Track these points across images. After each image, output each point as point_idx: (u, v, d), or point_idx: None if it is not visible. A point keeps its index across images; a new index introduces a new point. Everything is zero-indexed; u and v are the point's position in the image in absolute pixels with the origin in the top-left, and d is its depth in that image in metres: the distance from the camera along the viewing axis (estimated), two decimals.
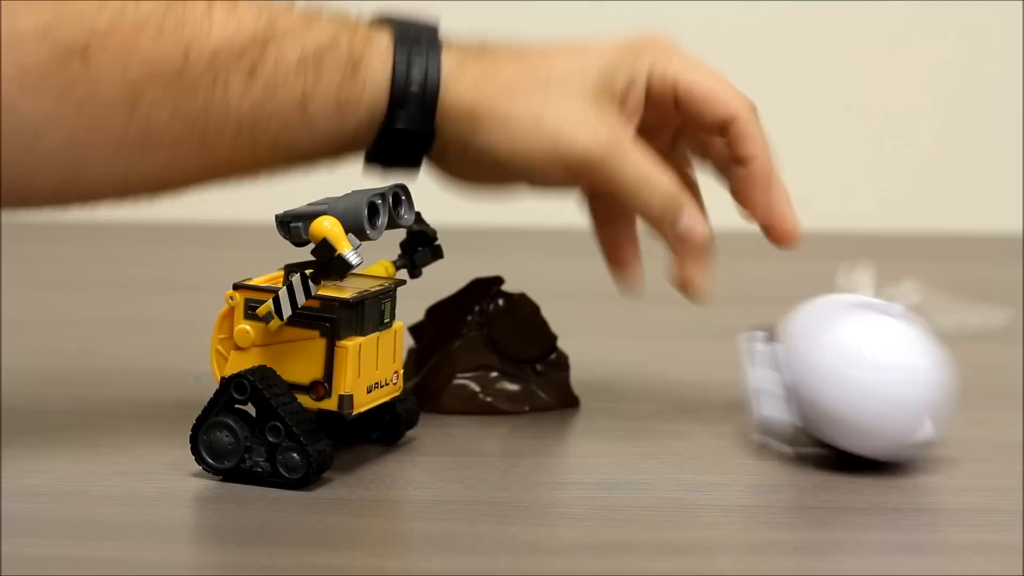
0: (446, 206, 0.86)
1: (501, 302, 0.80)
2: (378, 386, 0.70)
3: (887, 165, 1.39)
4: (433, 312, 0.81)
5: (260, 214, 0.79)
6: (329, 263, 0.66)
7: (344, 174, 0.74)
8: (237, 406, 0.67)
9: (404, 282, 0.72)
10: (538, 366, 0.80)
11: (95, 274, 1.14)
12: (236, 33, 0.68)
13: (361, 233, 0.68)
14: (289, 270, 0.67)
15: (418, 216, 0.73)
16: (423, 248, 0.75)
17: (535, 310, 0.81)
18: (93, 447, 0.72)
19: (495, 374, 0.79)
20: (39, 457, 0.70)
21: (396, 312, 0.71)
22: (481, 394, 0.79)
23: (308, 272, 0.67)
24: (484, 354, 0.79)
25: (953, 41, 1.37)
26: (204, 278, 1.01)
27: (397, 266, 0.74)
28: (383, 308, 0.70)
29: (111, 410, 0.78)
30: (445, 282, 0.81)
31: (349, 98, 0.70)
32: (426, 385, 0.79)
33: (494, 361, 0.79)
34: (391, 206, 0.70)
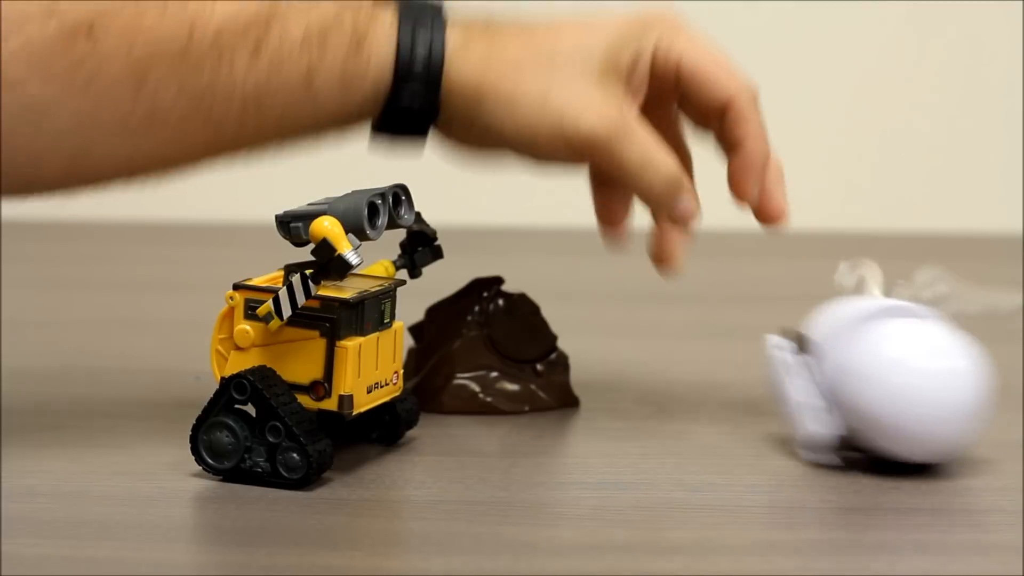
0: (446, 206, 0.86)
1: (501, 302, 0.80)
2: (378, 386, 0.70)
3: (887, 165, 1.39)
4: (433, 312, 0.81)
5: (260, 214, 0.79)
6: (329, 263, 0.66)
7: (344, 174, 0.74)
8: (237, 406, 0.67)
9: (404, 282, 0.72)
10: (538, 366, 0.80)
11: (95, 274, 1.14)
12: (240, 11, 0.68)
13: (361, 233, 0.68)
14: (289, 270, 0.67)
15: (418, 216, 0.73)
16: (423, 248, 0.75)
17: (535, 310, 0.81)
18: (93, 447, 0.72)
19: (495, 374, 0.79)
20: (39, 457, 0.70)
21: (396, 312, 0.71)
22: (481, 394, 0.79)
23: (308, 272, 0.66)
24: (484, 354, 0.79)
25: (953, 41, 1.37)
26: (204, 278, 1.01)
27: (397, 266, 0.74)
28: (383, 308, 0.70)
29: (111, 410, 0.78)
30: (445, 282, 0.81)
31: (354, 75, 0.70)
32: (426, 385, 0.79)
33: (494, 361, 0.79)
34: (391, 206, 0.70)
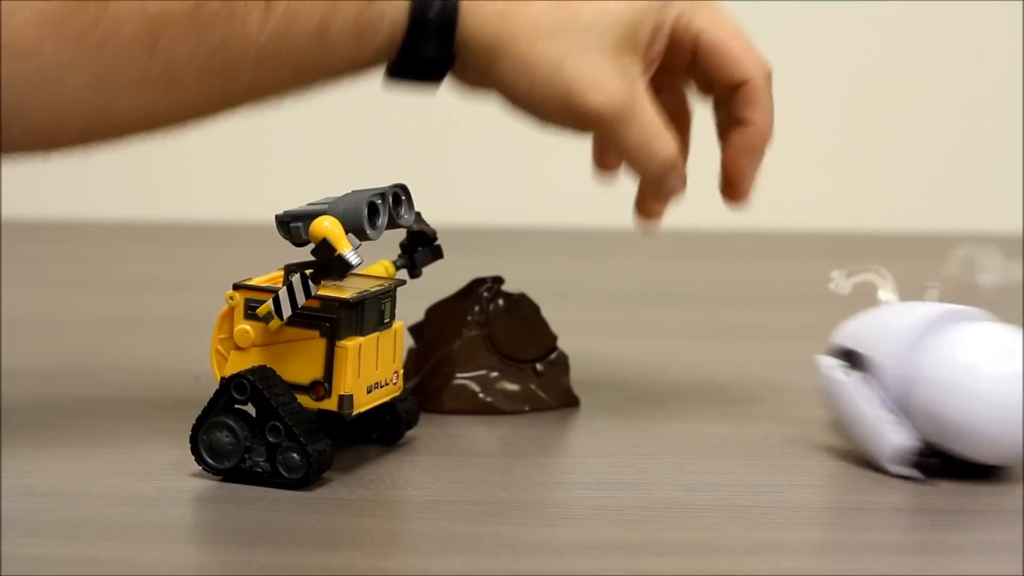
0: (446, 206, 0.86)
1: (501, 302, 0.80)
2: (378, 386, 0.70)
3: (887, 165, 1.39)
4: (433, 312, 0.81)
5: (260, 214, 0.79)
6: (329, 263, 0.66)
7: (344, 174, 0.74)
8: (237, 406, 0.67)
9: (404, 282, 0.72)
10: (538, 366, 0.80)
11: (95, 274, 1.14)
12: None
13: (361, 233, 0.68)
14: (289, 270, 0.67)
15: (418, 216, 0.73)
16: (423, 248, 0.75)
17: (535, 310, 0.81)
18: (93, 447, 0.72)
19: (495, 374, 0.79)
20: (39, 457, 0.70)
21: (396, 312, 0.71)
22: (481, 394, 0.79)
23: (308, 272, 0.66)
24: (484, 354, 0.79)
25: (954, 41, 1.37)
26: (204, 278, 1.01)
27: (397, 266, 0.74)
28: (383, 308, 0.70)
29: (111, 410, 0.78)
30: (445, 282, 0.81)
31: (368, 26, 0.70)
32: (426, 385, 0.79)
33: (494, 361, 0.79)
34: (391, 206, 0.70)
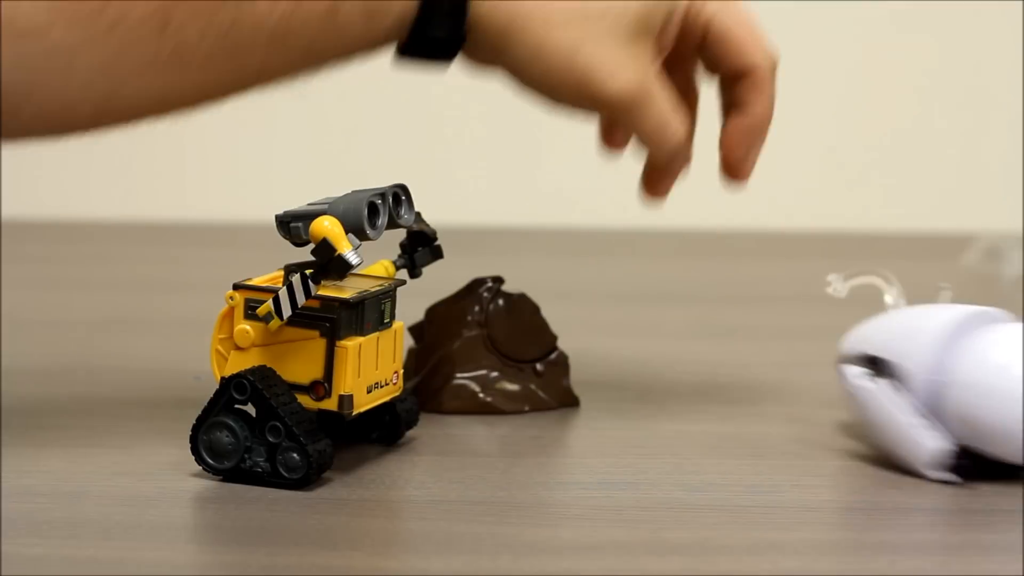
0: (446, 206, 0.86)
1: (501, 302, 0.80)
2: (378, 386, 0.70)
3: (887, 165, 1.39)
4: (433, 312, 0.81)
5: (260, 214, 0.79)
6: (329, 263, 0.66)
7: (344, 174, 0.74)
8: (237, 406, 0.67)
9: (404, 282, 0.72)
10: (538, 366, 0.80)
11: (95, 274, 1.14)
12: None
13: (361, 233, 0.68)
14: (289, 270, 0.67)
15: (418, 216, 0.73)
16: (423, 248, 0.75)
17: (535, 310, 0.81)
18: (93, 447, 0.72)
19: (495, 374, 0.79)
20: (39, 457, 0.70)
21: (396, 312, 0.71)
22: (481, 394, 0.79)
23: (308, 272, 0.67)
24: (484, 354, 0.79)
25: (954, 40, 1.37)
26: (204, 278, 1.01)
27: (397, 266, 0.74)
28: (383, 308, 0.70)
29: (111, 410, 0.78)
30: (445, 282, 0.81)
31: (378, 6, 0.70)
32: (426, 385, 0.79)
33: (494, 361, 0.79)
34: (391, 206, 0.70)
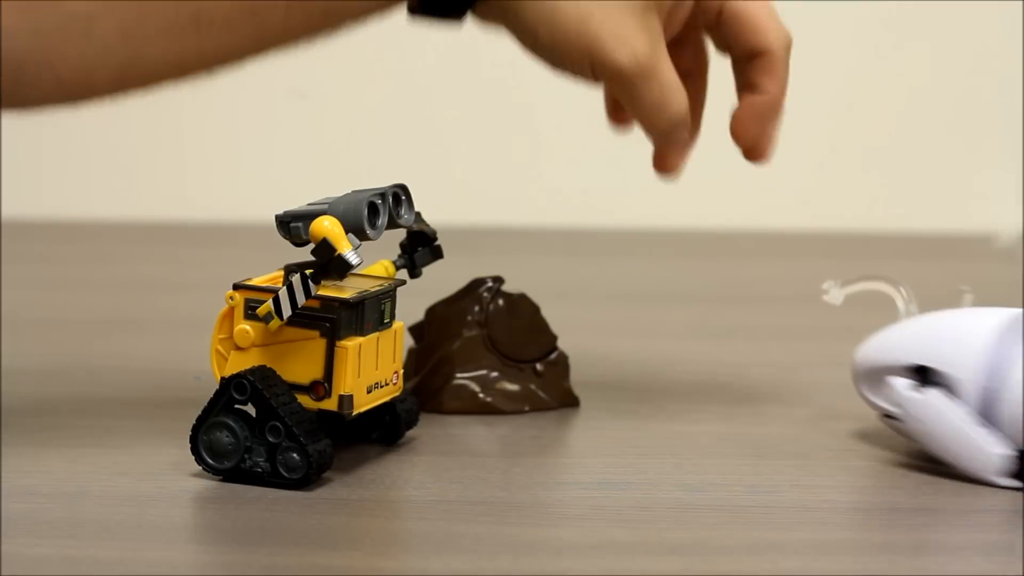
0: (446, 206, 0.86)
1: (501, 302, 0.80)
2: (378, 386, 0.70)
3: (888, 165, 1.39)
4: (433, 312, 0.81)
5: (260, 214, 0.79)
6: (329, 263, 0.66)
7: (344, 174, 0.74)
8: (237, 406, 0.67)
9: (404, 282, 0.72)
10: (538, 366, 0.80)
11: (95, 274, 1.14)
12: None
13: (361, 233, 0.68)
14: (289, 270, 0.67)
15: (418, 216, 0.73)
16: (423, 248, 0.75)
17: (535, 310, 0.81)
18: (93, 447, 0.72)
19: (495, 374, 0.79)
20: (39, 457, 0.70)
21: (396, 312, 0.71)
22: (481, 394, 0.79)
23: (308, 272, 0.67)
24: (484, 354, 0.79)
25: (953, 41, 1.37)
26: (204, 278, 1.01)
27: (397, 266, 0.74)
28: (383, 308, 0.70)
29: (111, 410, 0.78)
30: (445, 282, 0.81)
31: None
32: (426, 385, 0.79)
33: (494, 361, 0.79)
34: (391, 206, 0.70)
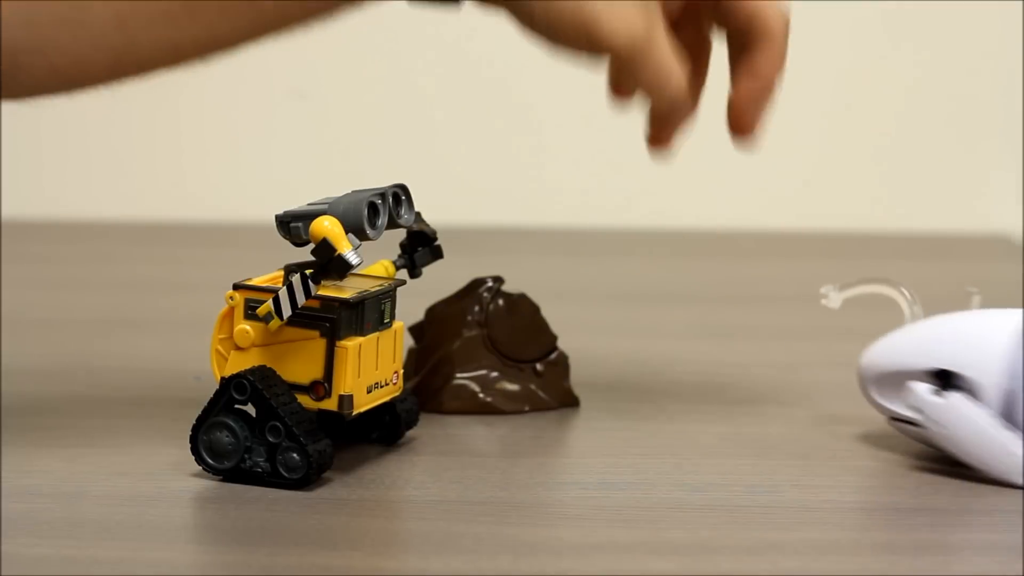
0: (446, 206, 0.86)
1: (501, 302, 0.80)
2: (378, 386, 0.70)
3: (887, 165, 1.39)
4: (433, 312, 0.81)
5: (260, 214, 0.79)
6: (329, 263, 0.66)
7: (344, 174, 0.74)
8: (237, 406, 0.67)
9: (404, 282, 0.72)
10: (538, 366, 0.80)
11: (95, 274, 1.14)
12: None
13: (361, 233, 0.68)
14: (289, 270, 0.67)
15: (418, 216, 0.73)
16: (423, 248, 0.75)
17: (535, 310, 0.81)
18: (93, 447, 0.72)
19: (495, 374, 0.79)
20: (39, 457, 0.70)
21: (396, 312, 0.71)
22: (481, 394, 0.79)
23: (308, 272, 0.67)
24: (484, 354, 0.79)
25: (953, 40, 1.37)
26: (204, 278, 1.01)
27: (397, 266, 0.74)
28: (383, 308, 0.70)
29: (112, 410, 0.78)
30: (445, 282, 0.81)
31: None
32: (426, 385, 0.79)
33: (494, 361, 0.79)
34: (391, 206, 0.70)
